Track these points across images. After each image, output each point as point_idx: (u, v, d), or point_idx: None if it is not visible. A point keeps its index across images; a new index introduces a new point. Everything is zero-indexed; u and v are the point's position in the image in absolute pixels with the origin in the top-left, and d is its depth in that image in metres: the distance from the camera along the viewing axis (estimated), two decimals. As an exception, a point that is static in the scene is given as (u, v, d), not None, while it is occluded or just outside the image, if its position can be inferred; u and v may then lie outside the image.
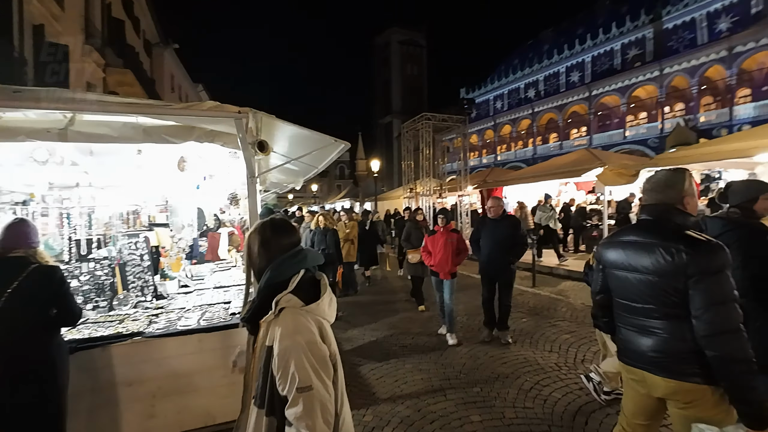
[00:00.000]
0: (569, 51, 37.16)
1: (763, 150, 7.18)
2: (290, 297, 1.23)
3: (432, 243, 4.68)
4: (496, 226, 4.55)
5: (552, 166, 11.98)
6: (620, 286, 1.77)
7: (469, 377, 3.67)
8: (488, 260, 4.58)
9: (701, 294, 1.48)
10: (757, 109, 23.55)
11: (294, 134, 3.33)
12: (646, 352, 1.65)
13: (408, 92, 60.00)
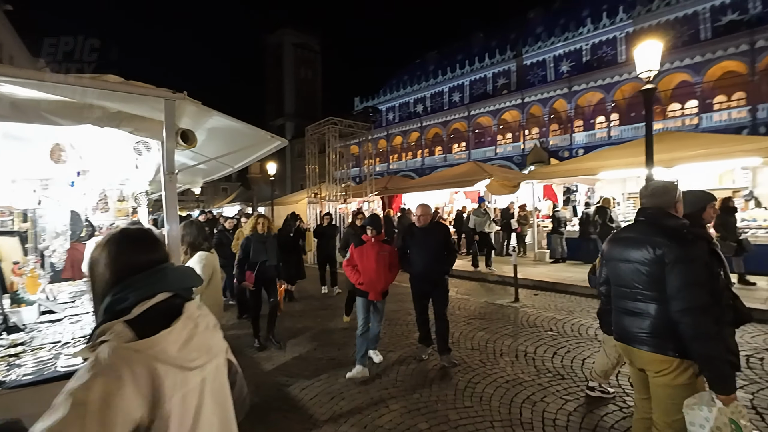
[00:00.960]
0: (451, 73, 41.33)
1: (603, 169, 9.05)
2: (119, 328, 0.86)
3: (360, 256, 3.85)
4: (426, 236, 4.00)
5: (447, 176, 13.04)
6: (615, 275, 2.04)
7: (406, 384, 3.64)
8: (422, 274, 4.02)
9: (676, 277, 1.74)
10: (587, 137, 29.73)
11: (218, 127, 2.86)
12: (632, 330, 1.93)
13: (302, 96, 58.79)
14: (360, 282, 3.84)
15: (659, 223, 1.90)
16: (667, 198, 1.95)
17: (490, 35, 41.26)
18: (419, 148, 41.80)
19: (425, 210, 4.10)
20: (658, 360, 1.82)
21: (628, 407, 3.04)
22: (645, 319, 1.87)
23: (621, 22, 29.93)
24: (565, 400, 3.21)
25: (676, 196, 1.95)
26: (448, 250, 4.05)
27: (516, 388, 3.44)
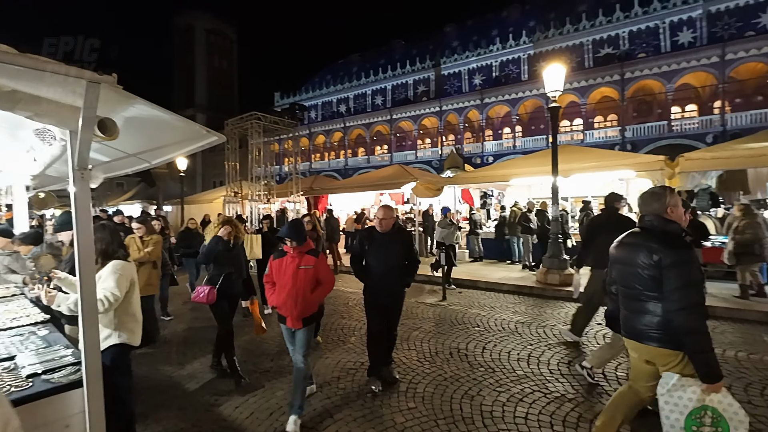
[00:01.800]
0: (374, 77, 42.02)
1: (514, 176, 9.99)
2: None
3: (278, 270, 3.03)
4: (387, 242, 3.49)
5: (373, 178, 13.20)
6: (621, 277, 2.26)
7: (348, 391, 3.57)
8: (382, 285, 3.51)
9: (671, 279, 1.96)
10: (496, 146, 32.66)
11: (140, 117, 2.49)
12: (636, 326, 2.16)
13: (215, 87, 54.41)
14: (275, 304, 3.03)
15: (655, 229, 2.12)
16: (657, 204, 2.15)
17: (410, 43, 42.93)
18: (342, 148, 41.67)
19: (388, 213, 3.54)
20: (665, 354, 2.05)
21: (550, 393, 3.39)
22: (651, 317, 2.08)
23: (524, 45, 33.46)
24: (498, 392, 3.45)
25: (666, 201, 2.13)
26: (410, 259, 3.61)
27: (454, 385, 3.60)
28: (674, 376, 1.99)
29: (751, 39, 24.40)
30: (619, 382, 3.58)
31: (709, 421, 1.84)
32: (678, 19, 27.78)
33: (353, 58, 47.67)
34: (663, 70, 26.27)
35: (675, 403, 1.94)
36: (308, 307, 3.00)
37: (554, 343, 4.58)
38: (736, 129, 22.92)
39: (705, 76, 25.29)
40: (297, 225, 3.09)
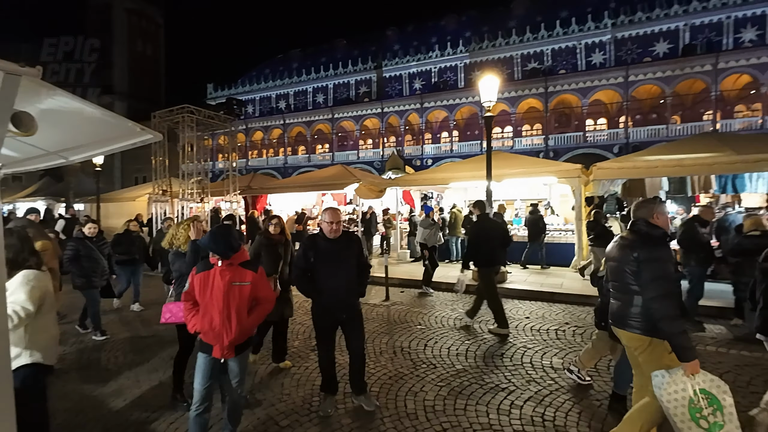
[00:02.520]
0: (315, 74, 41.35)
1: (453, 180, 10.52)
2: None
3: (203, 287, 2.47)
4: (338, 250, 3.11)
5: (316, 178, 13.02)
6: (612, 273, 2.60)
7: (293, 396, 3.51)
8: (334, 299, 3.10)
9: (646, 272, 2.31)
10: (435, 149, 33.94)
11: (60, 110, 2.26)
12: (622, 315, 2.48)
13: (138, 73, 49.54)
14: (198, 329, 2.48)
15: (640, 232, 2.47)
16: (645, 211, 2.51)
17: (352, 44, 42.93)
18: (282, 145, 40.41)
19: (336, 216, 3.15)
20: (636, 338, 2.40)
21: (486, 384, 3.66)
22: (634, 308, 2.41)
23: (461, 54, 35.19)
24: (440, 386, 3.63)
25: (653, 209, 2.50)
26: (361, 264, 3.27)
27: (398, 383, 3.72)
28: (659, 374, 2.23)
29: (648, 64, 28.21)
30: (555, 371, 3.96)
31: (704, 403, 2.06)
32: (591, 42, 31.16)
33: (294, 53, 46.46)
34: (579, 86, 29.30)
35: (675, 398, 2.14)
36: (244, 333, 2.49)
37: (489, 338, 4.93)
38: (637, 142, 26.29)
39: (612, 93, 28.68)
40: (221, 233, 2.46)
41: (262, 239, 4.09)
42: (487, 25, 35.35)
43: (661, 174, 7.91)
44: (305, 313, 5.93)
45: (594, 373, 3.80)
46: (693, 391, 2.07)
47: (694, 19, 28.38)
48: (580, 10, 31.98)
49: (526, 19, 34.06)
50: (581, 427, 2.94)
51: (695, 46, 28.06)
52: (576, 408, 3.20)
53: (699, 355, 2.34)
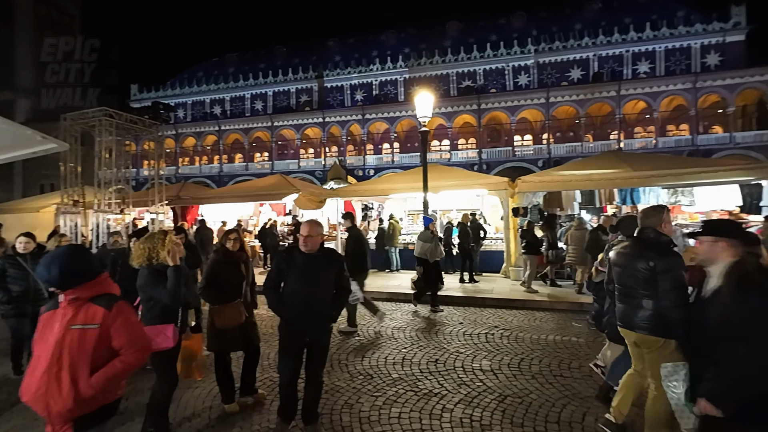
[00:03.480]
0: (254, 80, 40.10)
1: (393, 191, 10.78)
2: None
3: (41, 332, 1.80)
4: (313, 265, 2.89)
5: (253, 188, 12.55)
6: (619, 278, 2.76)
7: (228, 417, 3.33)
8: (303, 318, 2.88)
9: (665, 283, 2.44)
10: (376, 160, 34.47)
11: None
12: (631, 318, 2.63)
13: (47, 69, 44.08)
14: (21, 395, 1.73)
15: (650, 240, 2.59)
16: (654, 219, 2.63)
17: (292, 52, 42.41)
18: (217, 153, 38.39)
19: (315, 229, 2.92)
20: (650, 340, 2.55)
21: (420, 390, 3.77)
22: (644, 311, 2.57)
23: (400, 68, 36.40)
24: (376, 397, 3.68)
25: (661, 218, 2.62)
26: (340, 287, 3.04)
27: (335, 396, 3.70)
28: (668, 365, 2.39)
29: (565, 87, 31.45)
30: (484, 373, 4.18)
31: None
32: (517, 65, 34.03)
33: (230, 58, 44.69)
34: (508, 104, 31.75)
35: (675, 384, 2.35)
36: (83, 401, 1.68)
37: (424, 345, 5.09)
38: (557, 157, 29.03)
39: (536, 112, 31.47)
40: (63, 256, 1.78)
41: (219, 257, 3.51)
42: (425, 42, 37.02)
43: (574, 187, 8.84)
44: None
45: (517, 372, 4.10)
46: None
47: (601, 51, 32.30)
48: (508, 35, 34.85)
49: (460, 39, 36.29)
50: (504, 424, 3.15)
51: (602, 74, 31.91)
52: (501, 407, 3.43)
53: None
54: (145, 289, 2.84)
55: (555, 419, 3.18)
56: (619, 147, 28.19)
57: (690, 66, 30.21)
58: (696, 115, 27.91)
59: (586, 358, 4.46)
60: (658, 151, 25.29)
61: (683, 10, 31.72)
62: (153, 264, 2.86)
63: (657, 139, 28.96)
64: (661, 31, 30.90)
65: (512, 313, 6.48)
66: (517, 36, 34.27)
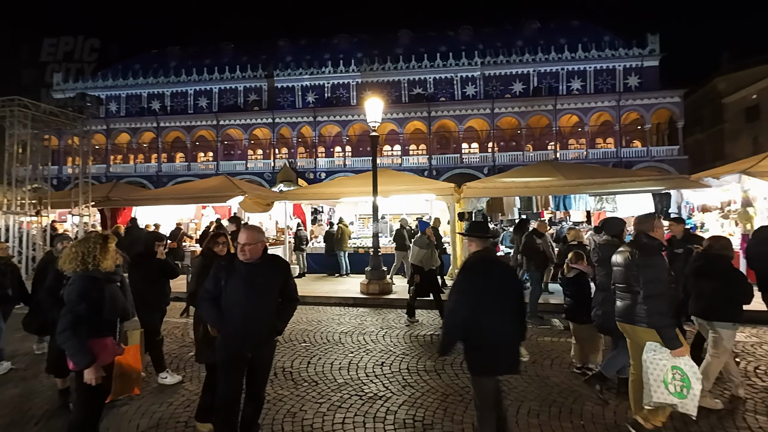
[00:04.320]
0: (198, 76, 37.99)
1: (344, 195, 10.75)
2: None
3: None
4: (255, 274, 2.61)
5: (194, 189, 11.87)
6: (618, 277, 3.08)
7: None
8: (244, 332, 2.60)
9: (642, 276, 2.82)
10: (328, 163, 34.15)
11: None
12: (625, 311, 2.98)
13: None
14: None
15: (640, 243, 2.97)
16: (646, 225, 3.02)
17: (241, 49, 40.82)
18: (155, 151, 35.81)
19: (253, 236, 2.62)
20: (642, 330, 2.85)
21: (365, 394, 3.78)
22: (640, 306, 2.85)
23: (353, 72, 36.45)
24: (320, 403, 3.62)
25: (653, 224, 3.00)
26: (287, 296, 2.79)
27: (277, 405, 3.58)
28: (654, 344, 2.77)
29: (508, 99, 33.38)
30: (428, 373, 4.27)
31: (678, 377, 2.64)
32: (465, 75, 35.54)
33: (172, 51, 41.98)
34: (456, 113, 33.03)
35: (656, 364, 2.68)
36: None
37: (371, 349, 5.11)
38: (501, 165, 30.65)
39: (482, 122, 33.05)
40: None
41: (207, 262, 3.19)
42: (377, 48, 37.43)
43: (514, 194, 9.40)
44: (174, 342, 5.28)
45: (459, 371, 4.26)
46: (672, 366, 2.65)
47: (540, 67, 34.74)
48: (456, 47, 36.32)
49: (411, 48, 37.15)
50: (445, 422, 3.25)
51: (541, 89, 34.31)
52: (443, 405, 3.53)
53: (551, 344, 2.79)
54: (76, 299, 2.51)
55: (492, 414, 3.34)
56: (555, 157, 30.44)
57: (615, 86, 33.45)
58: (619, 130, 30.94)
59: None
60: (588, 162, 27.66)
61: (609, 35, 35.10)
62: (89, 270, 2.58)
63: (587, 150, 31.69)
64: (590, 52, 33.92)
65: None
66: (465, 48, 35.82)
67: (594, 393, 3.57)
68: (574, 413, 3.33)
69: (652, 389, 2.66)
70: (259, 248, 2.66)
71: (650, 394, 2.67)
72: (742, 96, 32.36)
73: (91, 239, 2.71)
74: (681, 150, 30.16)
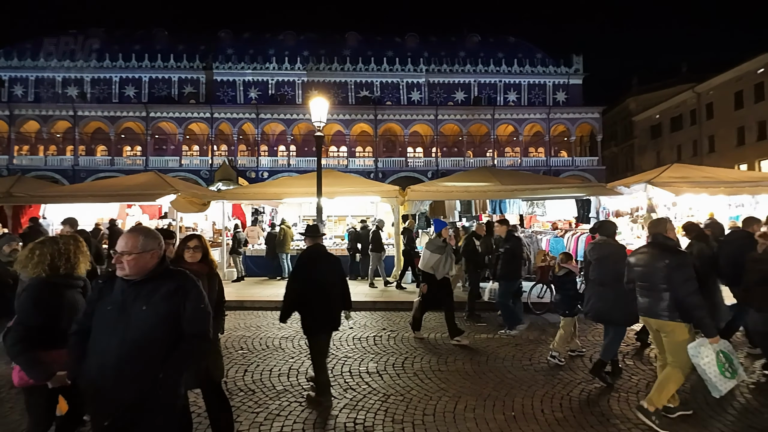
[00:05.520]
0: (125, 62, 34.75)
1: (287, 195, 10.44)
2: None
3: None
4: (132, 299, 1.82)
5: (119, 186, 10.76)
6: (638, 276, 3.33)
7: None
8: (97, 388, 1.76)
9: (678, 276, 3.05)
10: (271, 162, 32.96)
11: None
12: (649, 307, 3.23)
13: None
14: None
15: (662, 243, 3.24)
16: (660, 227, 3.33)
17: (176, 37, 38.01)
18: (71, 142, 32.10)
19: (136, 242, 1.85)
20: (666, 324, 3.14)
21: (305, 400, 3.68)
22: (664, 302, 3.12)
23: (299, 70, 35.66)
24: (257, 413, 3.45)
25: (665, 227, 3.33)
26: (187, 332, 1.85)
27: (207, 419, 3.36)
28: (694, 345, 3.00)
29: (451, 107, 34.77)
30: (370, 375, 4.26)
31: (724, 359, 2.92)
32: (411, 81, 36.42)
33: (95, 32, 37.82)
34: (402, 118, 33.69)
35: (707, 361, 2.92)
36: None
37: (313, 352, 4.99)
38: (444, 169, 31.79)
39: (427, 127, 34.05)
40: None
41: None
42: (324, 48, 36.98)
43: (455, 197, 9.80)
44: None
45: (401, 371, 4.31)
46: (716, 354, 2.92)
47: (480, 78, 36.67)
48: (402, 53, 37.07)
49: (358, 50, 37.22)
50: (386, 423, 3.27)
51: (481, 99, 36.21)
52: (384, 406, 3.55)
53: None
54: (30, 308, 2.25)
55: (431, 412, 3.43)
56: (493, 164, 32.26)
57: (545, 100, 36.33)
58: (549, 141, 33.64)
59: (461, 352, 4.94)
60: (522, 169, 29.72)
61: (541, 53, 38.08)
62: (59, 274, 2.38)
63: (522, 158, 34.03)
64: (525, 67, 36.53)
65: (400, 315, 6.81)
66: (411, 55, 36.70)
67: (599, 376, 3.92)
68: (506, 405, 3.52)
69: (717, 384, 2.96)
70: (147, 260, 1.84)
71: (717, 389, 2.98)
72: (648, 115, 36.96)
73: (61, 239, 2.51)
74: (600, 161, 33.57)
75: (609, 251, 4.09)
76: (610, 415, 3.33)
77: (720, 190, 7.74)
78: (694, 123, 31.84)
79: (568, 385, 3.93)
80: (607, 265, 4.01)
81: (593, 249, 4.33)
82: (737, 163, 26.68)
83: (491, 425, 3.20)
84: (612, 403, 3.53)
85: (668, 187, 7.60)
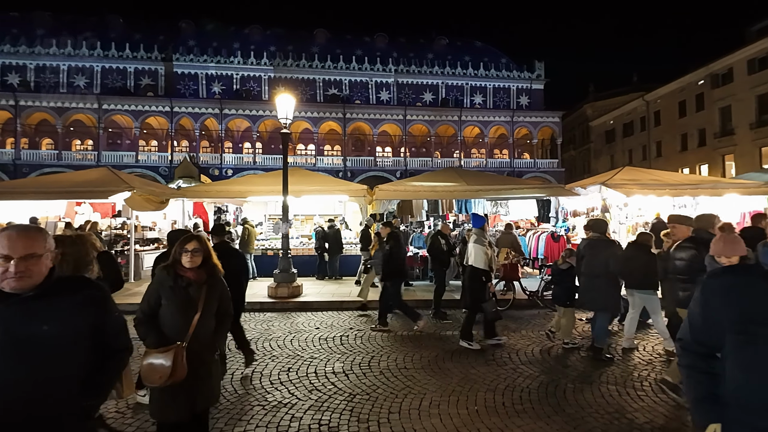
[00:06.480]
0: (75, 50, 32.42)
1: (251, 194, 10.19)
2: None
3: None
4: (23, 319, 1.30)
5: (68, 182, 10.04)
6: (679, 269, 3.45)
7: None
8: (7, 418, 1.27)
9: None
10: (236, 159, 31.91)
11: None
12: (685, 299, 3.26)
13: None
14: None
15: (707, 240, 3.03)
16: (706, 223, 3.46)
17: (132, 25, 35.94)
18: (12, 134, 29.63)
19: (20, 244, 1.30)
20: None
21: (269, 403, 3.59)
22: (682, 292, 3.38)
23: (265, 66, 34.76)
24: (216, 419, 3.31)
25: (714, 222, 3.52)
26: (108, 349, 1.54)
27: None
28: None
29: (419, 108, 35.11)
30: (336, 375, 4.21)
31: None
32: (380, 81, 36.47)
33: (40, 16, 35.07)
34: (371, 117, 33.68)
35: None
36: None
37: (277, 354, 4.89)
38: (413, 169, 32.11)
39: (395, 127, 34.24)
40: None
41: (164, 277, 2.30)
42: (292, 44, 36.28)
43: (422, 197, 9.92)
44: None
45: (367, 371, 4.31)
46: None
47: (447, 80, 37.34)
48: (371, 52, 37.05)
49: (327, 48, 36.80)
50: (351, 422, 3.26)
51: (449, 101, 36.89)
52: (349, 406, 3.53)
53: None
54: None
55: (397, 410, 3.45)
56: (459, 164, 32.94)
57: (509, 103, 37.55)
58: (513, 143, 34.82)
59: (428, 348, 5.01)
60: (488, 170, 30.57)
61: (505, 58, 39.34)
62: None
63: (487, 160, 35.02)
64: (490, 71, 37.58)
65: (367, 314, 6.80)
66: (380, 55, 36.76)
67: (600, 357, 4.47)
68: (470, 400, 3.61)
69: None
70: (36, 266, 1.33)
71: None
72: (603, 121, 39.17)
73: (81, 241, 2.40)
74: (559, 163, 35.17)
75: (602, 247, 4.57)
76: (565, 405, 3.50)
77: (666, 192, 8.32)
78: (643, 129, 34.07)
79: (527, 378, 4.08)
80: (600, 259, 4.46)
81: (588, 245, 4.70)
82: (681, 167, 28.86)
83: (455, 420, 3.26)
84: (567, 394, 3.71)
85: (620, 188, 8.08)
